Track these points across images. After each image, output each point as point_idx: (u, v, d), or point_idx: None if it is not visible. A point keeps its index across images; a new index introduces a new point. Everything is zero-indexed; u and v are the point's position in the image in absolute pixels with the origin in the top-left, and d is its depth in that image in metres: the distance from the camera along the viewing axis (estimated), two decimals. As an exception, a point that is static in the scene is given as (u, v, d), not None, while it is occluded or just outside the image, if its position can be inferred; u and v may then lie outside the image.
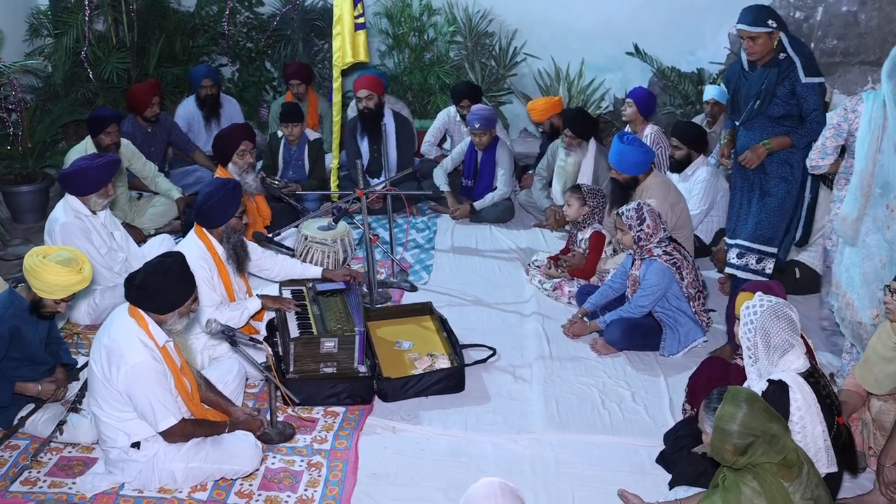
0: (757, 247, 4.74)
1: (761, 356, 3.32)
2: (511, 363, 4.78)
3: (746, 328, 3.36)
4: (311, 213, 5.84)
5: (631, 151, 5.27)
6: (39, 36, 7.32)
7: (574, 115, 6.58)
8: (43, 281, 3.68)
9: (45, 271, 3.67)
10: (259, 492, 3.67)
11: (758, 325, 3.31)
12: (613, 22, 8.31)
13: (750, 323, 3.34)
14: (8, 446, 3.93)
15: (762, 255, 4.74)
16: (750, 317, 3.35)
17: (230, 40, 8.56)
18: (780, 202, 4.68)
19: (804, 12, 8.17)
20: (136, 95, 6.71)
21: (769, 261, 4.74)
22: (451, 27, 8.34)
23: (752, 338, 3.34)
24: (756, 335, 3.32)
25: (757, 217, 4.71)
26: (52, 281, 3.68)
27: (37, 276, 3.68)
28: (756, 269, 4.74)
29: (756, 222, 4.71)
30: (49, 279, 3.67)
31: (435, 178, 6.99)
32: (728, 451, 2.86)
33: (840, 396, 3.80)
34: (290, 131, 6.67)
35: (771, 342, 3.30)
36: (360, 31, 6.23)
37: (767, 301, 3.36)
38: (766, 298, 3.38)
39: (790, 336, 3.30)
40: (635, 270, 4.88)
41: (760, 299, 3.38)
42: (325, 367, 4.31)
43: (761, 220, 4.70)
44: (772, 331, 3.29)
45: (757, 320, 3.31)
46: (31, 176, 6.72)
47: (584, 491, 3.72)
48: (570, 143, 6.44)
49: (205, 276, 4.29)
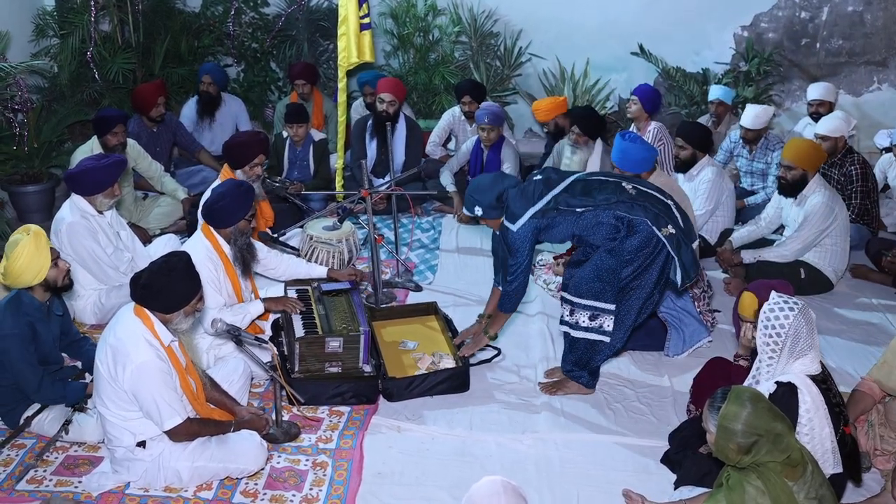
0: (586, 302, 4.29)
1: (784, 358, 3.28)
2: (516, 363, 4.78)
3: (774, 329, 3.27)
4: (316, 213, 5.85)
5: (633, 149, 5.25)
6: (45, 36, 7.35)
7: (582, 113, 6.57)
8: (24, 273, 3.75)
9: (15, 268, 3.74)
10: (264, 491, 3.67)
11: (790, 328, 3.24)
12: (618, 22, 8.32)
13: (779, 326, 3.26)
14: (14, 445, 3.94)
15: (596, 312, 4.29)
16: (780, 319, 3.26)
17: (235, 40, 8.57)
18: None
19: (809, 12, 8.17)
20: (142, 95, 6.72)
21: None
22: (455, 27, 8.35)
23: (780, 340, 3.26)
24: (787, 337, 3.25)
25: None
26: (25, 265, 3.74)
27: (16, 276, 3.76)
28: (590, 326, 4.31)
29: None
30: (22, 266, 3.74)
31: (441, 179, 7.00)
32: (732, 451, 2.86)
33: (853, 397, 3.80)
34: (296, 132, 6.68)
35: (798, 345, 3.26)
36: (366, 31, 6.23)
37: (795, 303, 3.30)
38: (791, 299, 3.31)
39: (814, 339, 3.30)
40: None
41: (787, 300, 3.30)
42: (330, 367, 4.32)
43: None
44: (803, 333, 3.25)
45: (790, 324, 3.24)
46: (37, 176, 6.74)
47: (589, 491, 3.71)
48: (577, 140, 6.43)
49: (210, 276, 4.30)
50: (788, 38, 8.25)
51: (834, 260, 5.49)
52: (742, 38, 8.27)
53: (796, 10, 8.19)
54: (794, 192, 5.47)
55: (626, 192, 4.18)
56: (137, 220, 6.23)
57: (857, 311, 5.40)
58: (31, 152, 6.68)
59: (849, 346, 4.97)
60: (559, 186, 4.22)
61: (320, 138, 6.87)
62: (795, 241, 5.44)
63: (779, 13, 8.20)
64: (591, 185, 4.22)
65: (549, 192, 4.19)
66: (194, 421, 3.61)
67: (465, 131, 7.40)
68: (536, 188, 4.23)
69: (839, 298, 5.56)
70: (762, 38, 8.25)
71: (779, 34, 8.25)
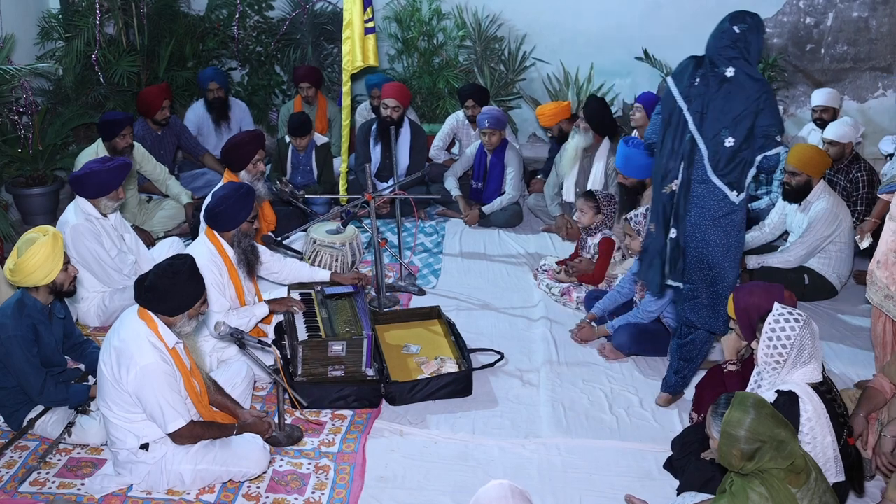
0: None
1: (787, 368, 3.28)
2: (519, 367, 4.77)
3: (780, 341, 3.26)
4: (320, 217, 5.85)
5: (637, 155, 5.24)
6: (50, 39, 7.36)
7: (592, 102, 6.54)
8: (35, 272, 3.75)
9: (27, 265, 3.73)
10: (267, 494, 3.67)
11: (796, 339, 3.24)
12: (623, 27, 8.32)
13: (785, 338, 3.25)
14: (17, 447, 3.95)
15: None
16: (785, 331, 3.26)
17: (240, 44, 8.59)
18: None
19: (815, 18, 8.16)
20: (147, 99, 6.74)
21: None
22: (460, 31, 8.35)
23: (785, 352, 3.26)
24: (791, 349, 3.24)
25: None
26: (38, 264, 3.74)
27: (26, 274, 3.75)
28: None
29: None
30: (35, 265, 3.74)
31: (446, 183, 7.00)
32: (735, 457, 2.85)
33: (865, 393, 3.77)
34: (299, 143, 6.69)
35: (802, 356, 3.26)
36: (370, 35, 6.23)
37: (799, 314, 3.29)
38: (796, 311, 3.31)
39: (817, 350, 3.30)
40: (643, 275, 4.86)
41: (791, 312, 3.30)
42: (333, 371, 4.32)
43: None
44: (807, 345, 3.26)
45: (795, 336, 3.24)
46: (42, 178, 6.75)
47: (592, 496, 3.71)
48: (579, 123, 6.43)
49: (214, 280, 4.30)
50: (793, 43, 8.25)
51: (838, 266, 5.48)
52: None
53: (801, 16, 8.18)
54: (799, 197, 5.47)
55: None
56: (141, 222, 6.24)
57: (861, 318, 5.38)
58: (36, 155, 6.70)
59: (853, 353, 4.96)
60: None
61: (323, 142, 6.87)
62: (800, 247, 5.43)
63: (784, 19, 8.20)
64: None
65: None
66: (197, 424, 3.61)
67: (469, 135, 7.41)
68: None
69: (843, 305, 5.54)
70: (767, 43, 8.24)
71: (784, 39, 8.25)
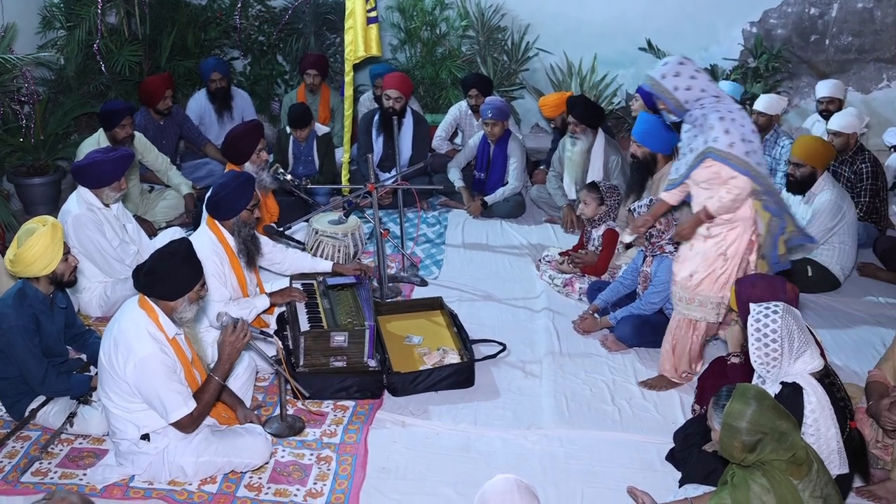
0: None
1: (785, 360, 3.26)
2: (521, 359, 4.77)
3: (768, 337, 3.24)
4: (322, 207, 5.84)
5: (658, 124, 5.17)
6: (52, 28, 7.36)
7: (576, 100, 6.55)
8: (35, 263, 3.75)
9: (27, 255, 3.73)
10: (268, 485, 3.68)
11: (781, 330, 3.22)
12: (626, 17, 8.30)
13: (771, 332, 3.23)
14: (19, 437, 3.95)
15: None
16: (769, 325, 3.24)
17: (242, 33, 8.57)
18: None
19: (819, 9, 8.13)
20: (149, 88, 6.73)
21: None
22: (463, 21, 8.33)
23: (777, 346, 3.24)
24: (782, 340, 3.23)
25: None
26: (38, 254, 3.74)
27: (26, 264, 3.75)
28: None
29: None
30: (34, 255, 3.74)
31: (449, 174, 6.99)
32: (737, 449, 2.85)
33: (869, 388, 3.78)
34: (299, 134, 6.67)
35: (795, 343, 3.24)
36: (373, 24, 6.21)
37: (776, 305, 3.28)
38: (770, 307, 3.28)
39: (807, 335, 3.29)
40: (646, 267, 4.85)
41: (767, 306, 3.28)
42: (335, 361, 4.31)
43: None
44: (794, 331, 3.24)
45: (779, 327, 3.22)
46: (43, 168, 6.74)
47: (594, 487, 3.71)
48: (575, 129, 6.40)
49: (215, 269, 4.29)
50: (797, 34, 8.21)
51: (842, 258, 5.47)
52: (751, 34, 8.23)
53: (806, 7, 8.14)
54: (803, 189, 5.45)
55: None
56: (143, 212, 6.23)
57: (865, 310, 5.38)
58: (38, 144, 6.69)
59: (856, 345, 4.96)
60: None
61: (324, 133, 6.85)
62: None
63: (788, 9, 8.16)
64: None
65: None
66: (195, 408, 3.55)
67: (472, 126, 7.39)
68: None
69: (846, 297, 5.53)
70: (771, 34, 8.21)
71: (788, 30, 8.21)
